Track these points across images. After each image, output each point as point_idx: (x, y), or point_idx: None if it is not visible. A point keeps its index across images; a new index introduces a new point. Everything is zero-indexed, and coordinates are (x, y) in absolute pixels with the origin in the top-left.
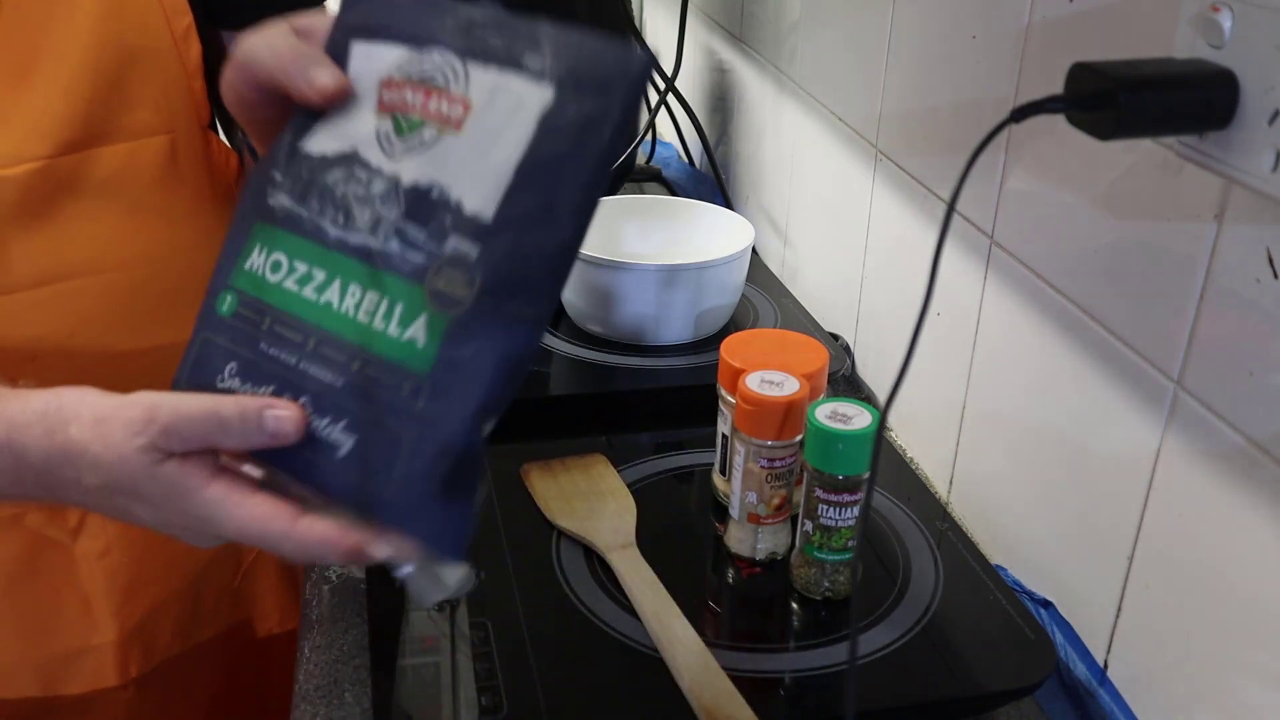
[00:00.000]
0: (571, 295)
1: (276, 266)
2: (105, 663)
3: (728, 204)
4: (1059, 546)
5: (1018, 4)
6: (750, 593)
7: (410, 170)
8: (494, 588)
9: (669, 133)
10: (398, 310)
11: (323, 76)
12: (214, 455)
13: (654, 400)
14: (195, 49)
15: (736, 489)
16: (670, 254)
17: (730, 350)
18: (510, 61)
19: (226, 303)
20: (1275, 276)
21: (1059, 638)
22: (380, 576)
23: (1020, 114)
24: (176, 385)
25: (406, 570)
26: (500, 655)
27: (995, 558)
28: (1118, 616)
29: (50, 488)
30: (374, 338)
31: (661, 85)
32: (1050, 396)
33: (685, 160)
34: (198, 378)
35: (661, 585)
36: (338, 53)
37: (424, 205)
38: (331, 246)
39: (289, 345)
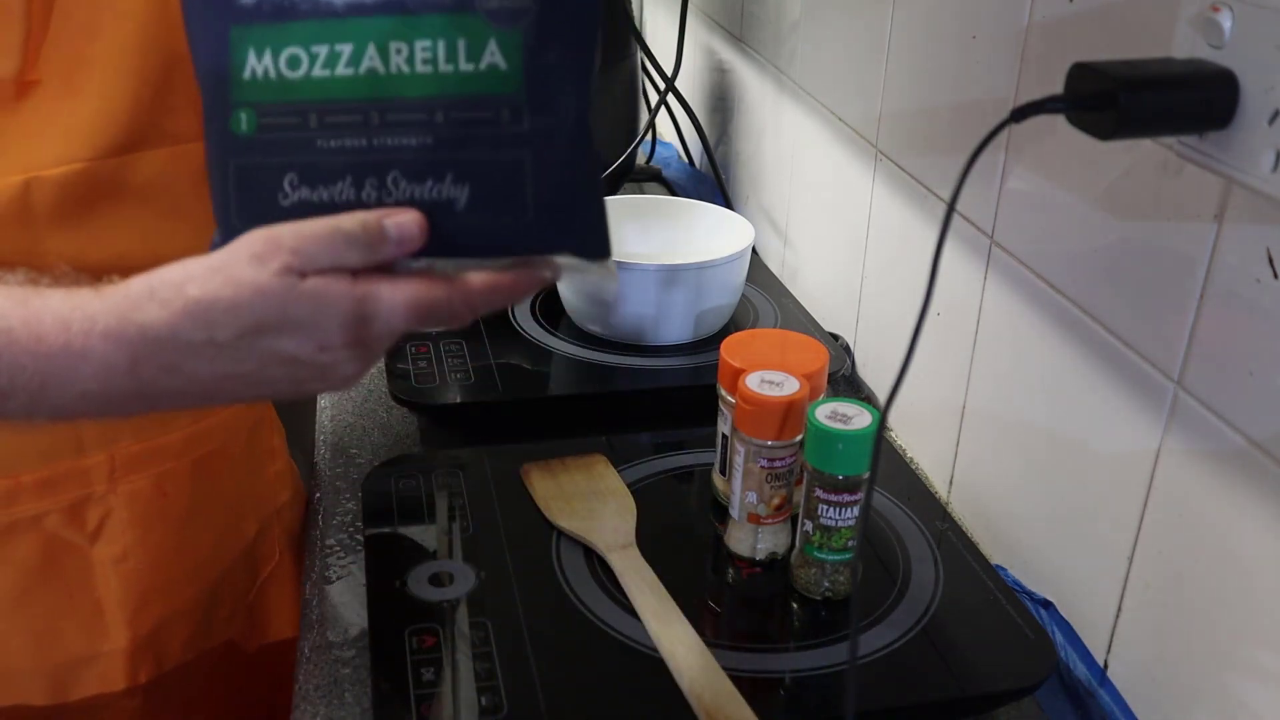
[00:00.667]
0: (571, 295)
1: (295, 62)
2: (114, 670)
3: (728, 204)
4: (1059, 547)
5: (1018, 4)
6: (750, 593)
7: None
8: (494, 588)
9: (669, 133)
10: (461, 46)
11: None
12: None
13: (654, 400)
14: None
15: (736, 489)
16: (670, 254)
17: (730, 350)
18: None
19: (243, 121)
20: (1275, 276)
21: (1059, 638)
22: (381, 576)
23: (1020, 114)
24: (229, 233)
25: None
26: (500, 655)
27: (995, 558)
28: (1118, 616)
29: (175, 367)
30: (446, 82)
31: (662, 85)
32: (1050, 396)
33: (685, 160)
34: (252, 207)
35: (661, 585)
36: None
37: None
38: (346, 14)
39: (351, 129)
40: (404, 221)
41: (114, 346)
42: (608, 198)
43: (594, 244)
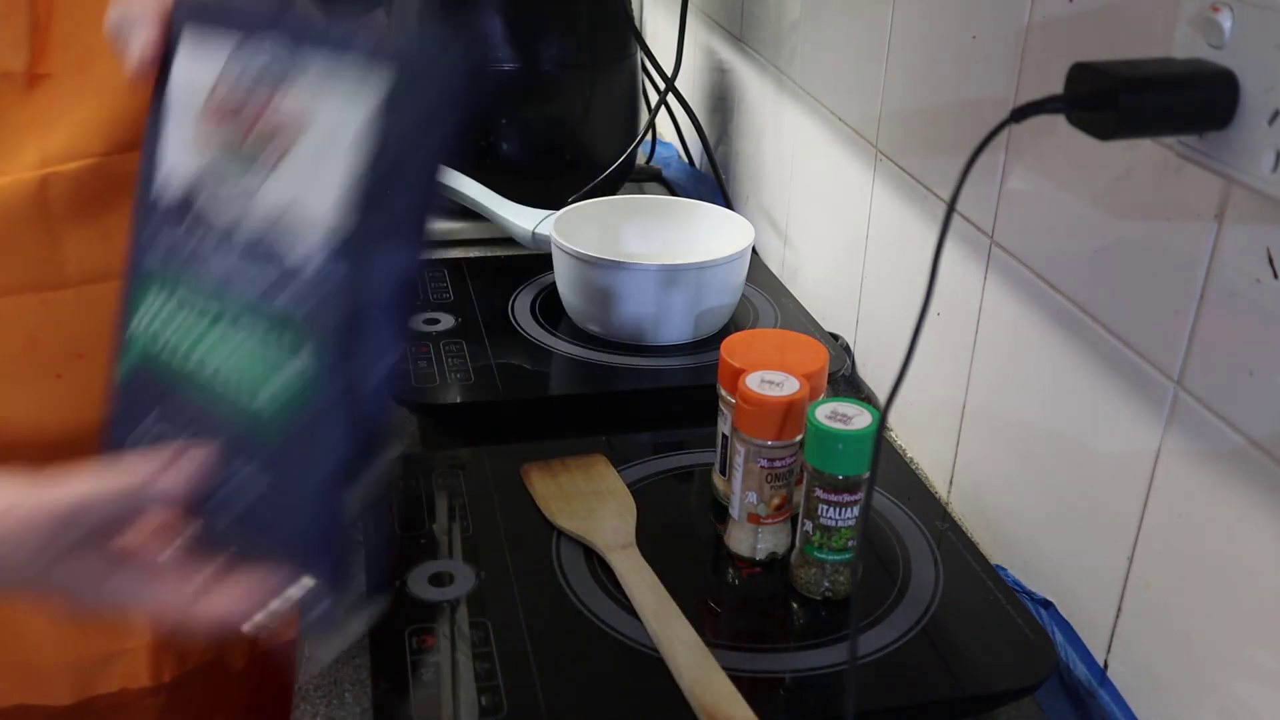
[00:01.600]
0: (571, 295)
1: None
2: (139, 665)
3: (728, 204)
4: (1059, 546)
5: (1018, 4)
6: (750, 593)
7: (265, 194)
8: (494, 588)
9: (669, 133)
10: (254, 378)
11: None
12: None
13: (654, 400)
14: None
15: (736, 489)
16: (670, 254)
17: (730, 350)
18: (340, 45)
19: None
20: (1275, 276)
21: (1059, 638)
22: (381, 577)
23: (1020, 114)
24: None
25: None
26: (500, 655)
27: (995, 558)
28: (1118, 616)
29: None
30: (238, 407)
31: (662, 85)
32: (1050, 396)
33: (685, 160)
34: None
35: (661, 585)
36: (171, 39)
37: (274, 233)
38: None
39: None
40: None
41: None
42: (608, 198)
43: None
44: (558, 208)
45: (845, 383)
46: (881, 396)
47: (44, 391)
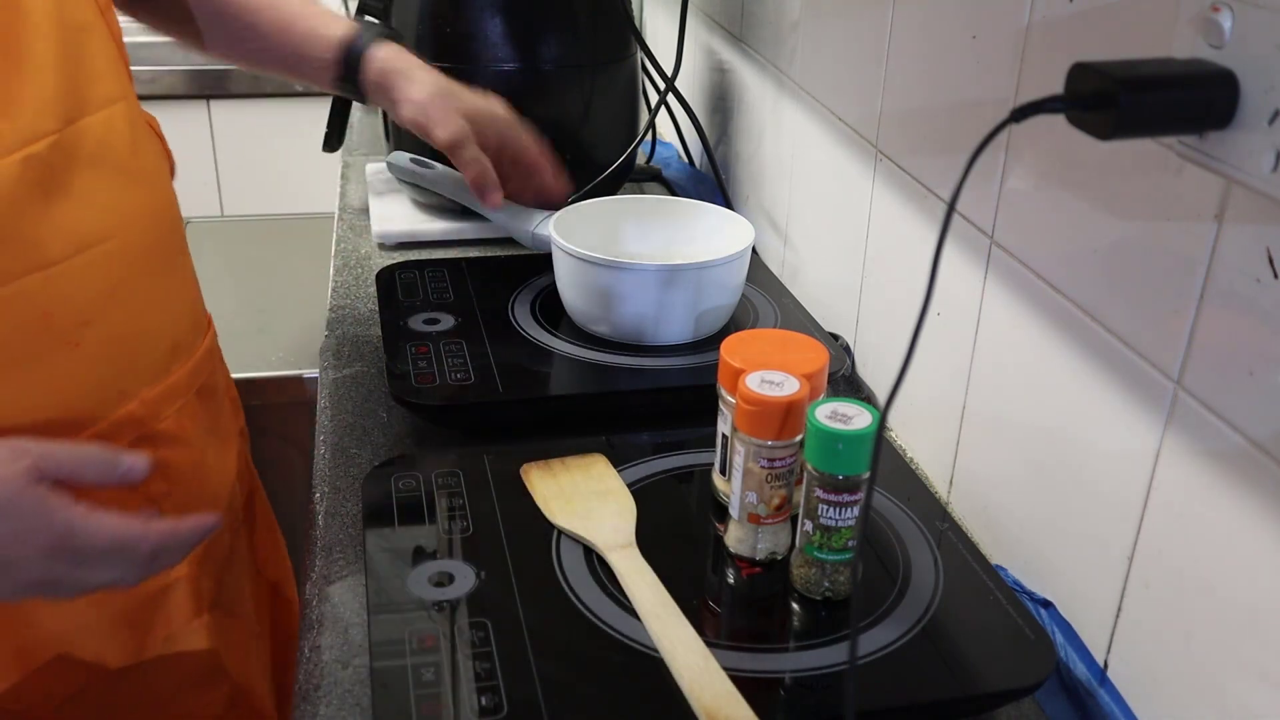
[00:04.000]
0: (572, 295)
1: None
2: (184, 597)
3: (728, 204)
4: (1059, 546)
5: (1018, 4)
6: (750, 593)
7: None
8: (494, 588)
9: (669, 133)
10: None
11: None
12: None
13: (654, 400)
14: (117, 23)
15: (736, 489)
16: (670, 254)
17: (730, 350)
18: None
19: None
20: (1275, 276)
21: (1059, 638)
22: (381, 577)
23: (1020, 114)
24: None
25: None
26: (500, 655)
27: (995, 558)
28: (1118, 616)
29: None
30: None
31: (662, 85)
32: (1050, 396)
33: (685, 160)
34: None
35: (661, 585)
36: None
37: None
38: None
39: None
40: (135, 462)
41: None
42: (608, 197)
43: None
44: (558, 208)
45: (845, 383)
46: (881, 396)
47: (62, 363)
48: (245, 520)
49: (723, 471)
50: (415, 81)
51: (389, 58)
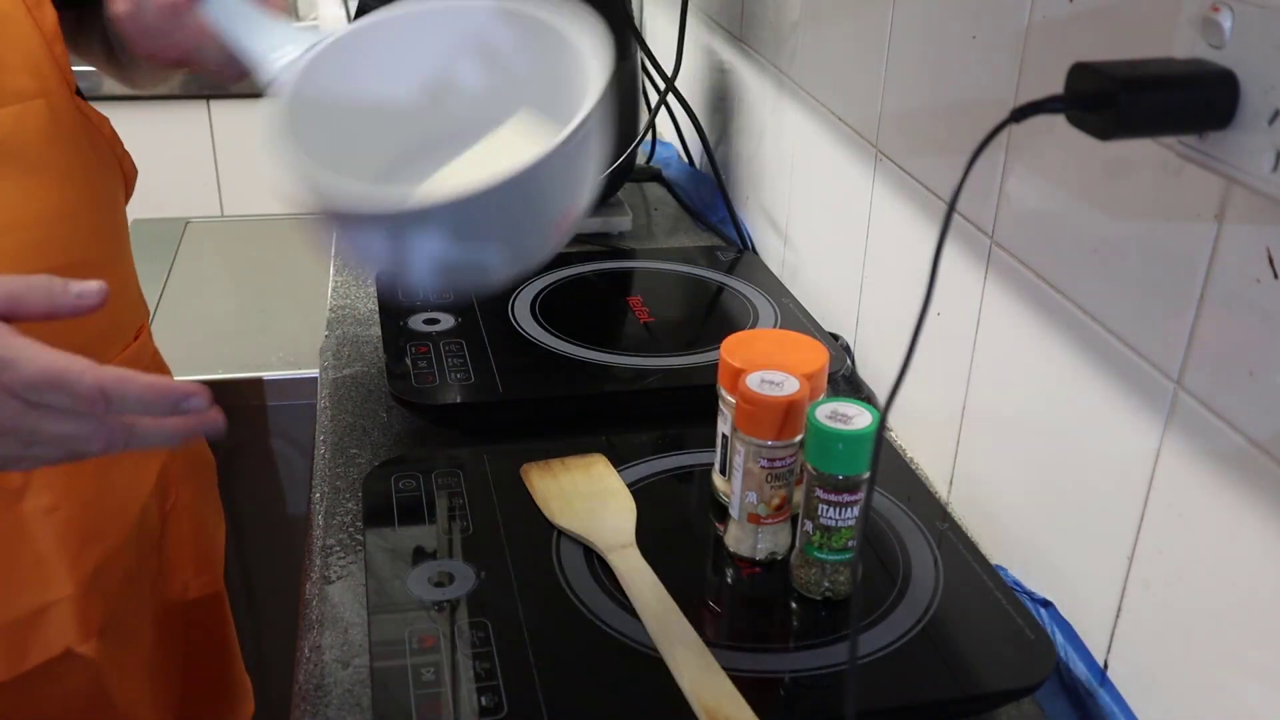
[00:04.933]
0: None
1: None
2: (67, 619)
3: (728, 204)
4: (1059, 546)
5: (1018, 4)
6: (750, 593)
7: None
8: (494, 588)
9: (669, 133)
10: None
11: None
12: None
13: (654, 400)
14: (50, 16)
15: (736, 489)
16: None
17: (730, 350)
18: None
19: None
20: (1275, 276)
21: (1059, 638)
22: (381, 576)
23: (1020, 114)
24: None
25: None
26: (500, 655)
27: (995, 558)
28: (1118, 616)
29: None
30: None
31: (662, 85)
32: (1050, 396)
33: (685, 160)
34: None
35: (661, 585)
36: None
37: None
38: None
39: None
40: (87, 288)
41: None
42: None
43: None
44: None
45: (845, 383)
46: (881, 396)
47: (37, 330)
48: (155, 543)
49: (723, 471)
50: None
51: None
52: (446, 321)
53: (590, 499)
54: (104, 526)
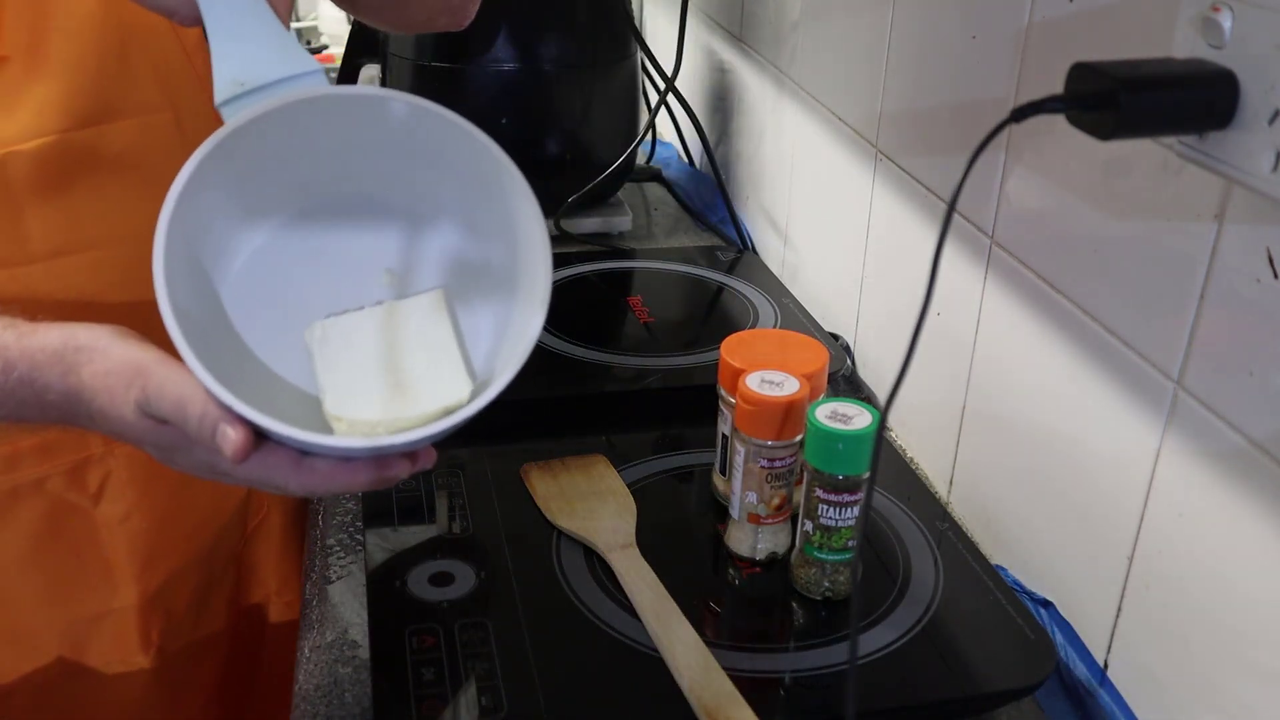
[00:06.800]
0: None
1: None
2: (128, 627)
3: (728, 204)
4: (1059, 546)
5: (1018, 4)
6: (750, 593)
7: None
8: (494, 588)
9: (669, 133)
10: None
11: None
12: None
13: (654, 400)
14: (195, 29)
15: (736, 489)
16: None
17: (730, 350)
18: None
19: None
20: (1275, 276)
21: (1059, 638)
22: (381, 576)
23: (1020, 114)
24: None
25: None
26: (500, 655)
27: (995, 558)
28: (1118, 616)
29: (71, 419)
30: None
31: (662, 85)
32: (1050, 396)
33: (685, 160)
34: None
35: (661, 585)
36: None
37: None
38: None
39: None
40: (232, 439)
41: (25, 388)
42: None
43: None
44: (557, 208)
45: (845, 383)
46: (881, 396)
47: None
48: (234, 560)
49: (723, 471)
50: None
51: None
52: None
53: (590, 499)
54: (177, 542)
